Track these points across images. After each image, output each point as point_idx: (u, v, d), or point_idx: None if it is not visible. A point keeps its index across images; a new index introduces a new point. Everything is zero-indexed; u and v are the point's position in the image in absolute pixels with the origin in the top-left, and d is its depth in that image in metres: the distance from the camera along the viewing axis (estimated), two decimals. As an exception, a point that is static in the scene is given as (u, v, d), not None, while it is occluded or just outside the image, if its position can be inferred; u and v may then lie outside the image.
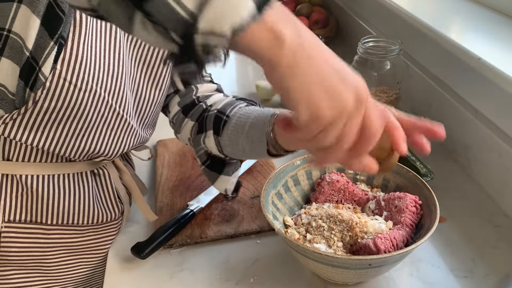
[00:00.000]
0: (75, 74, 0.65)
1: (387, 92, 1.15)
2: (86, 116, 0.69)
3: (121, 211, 0.85)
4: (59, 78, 0.64)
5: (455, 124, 1.04)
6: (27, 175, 0.73)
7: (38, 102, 0.65)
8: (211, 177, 0.83)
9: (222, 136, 0.77)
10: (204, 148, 0.81)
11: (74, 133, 0.70)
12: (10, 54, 0.63)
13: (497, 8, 1.10)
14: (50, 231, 0.77)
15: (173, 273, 0.80)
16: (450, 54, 0.99)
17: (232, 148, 0.77)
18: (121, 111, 0.73)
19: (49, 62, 0.63)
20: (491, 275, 0.77)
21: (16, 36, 0.62)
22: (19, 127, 0.68)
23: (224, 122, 0.77)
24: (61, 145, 0.71)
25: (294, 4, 1.69)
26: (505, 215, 0.89)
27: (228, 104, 0.80)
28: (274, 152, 0.71)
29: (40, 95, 0.65)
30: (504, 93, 0.85)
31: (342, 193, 0.82)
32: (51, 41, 0.62)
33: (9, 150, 0.72)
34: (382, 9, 1.29)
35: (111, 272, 0.80)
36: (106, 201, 0.82)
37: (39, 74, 0.64)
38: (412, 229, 0.75)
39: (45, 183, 0.74)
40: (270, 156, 0.73)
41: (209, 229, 0.86)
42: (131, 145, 0.79)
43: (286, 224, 0.78)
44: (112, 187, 0.83)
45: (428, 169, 0.92)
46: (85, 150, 0.73)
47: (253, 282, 0.77)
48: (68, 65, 0.64)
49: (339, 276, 0.71)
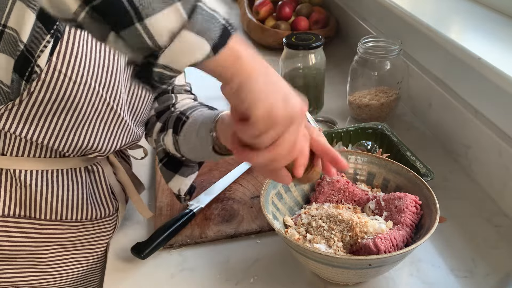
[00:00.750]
0: (70, 67, 0.67)
1: (387, 92, 1.15)
2: (80, 109, 0.70)
3: (116, 207, 0.85)
4: (54, 70, 0.66)
5: (455, 124, 1.04)
6: (21, 170, 0.74)
7: (33, 94, 0.67)
8: (166, 176, 0.86)
9: (179, 135, 0.80)
10: (162, 145, 0.84)
11: (68, 126, 0.72)
12: (5, 48, 0.65)
13: (497, 8, 1.10)
14: (43, 226, 0.78)
15: (173, 273, 0.80)
16: (450, 54, 0.99)
17: (187, 147, 0.80)
18: (115, 106, 0.74)
19: (45, 54, 0.65)
20: (491, 275, 0.77)
21: (11, 31, 0.64)
22: (13, 119, 0.69)
23: (183, 122, 0.80)
24: (55, 138, 0.72)
25: (294, 4, 1.69)
26: (505, 215, 0.89)
27: (191, 107, 0.84)
28: (218, 150, 0.75)
29: (35, 86, 0.66)
30: (504, 93, 0.85)
31: (342, 193, 0.82)
32: (47, 35, 0.64)
33: (3, 144, 0.73)
34: (382, 9, 1.29)
35: (111, 272, 0.81)
36: (100, 197, 0.83)
37: (34, 67, 0.65)
38: (412, 229, 0.75)
39: (39, 178, 0.75)
40: (216, 154, 0.75)
41: (209, 229, 0.86)
42: (125, 142, 0.80)
43: (286, 224, 0.78)
44: (106, 183, 0.83)
45: (428, 169, 0.92)
46: (79, 144, 0.74)
47: (253, 282, 0.77)
48: (63, 58, 0.66)
49: (339, 276, 0.71)
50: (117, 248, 0.85)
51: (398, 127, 1.14)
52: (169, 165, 0.85)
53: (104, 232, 0.84)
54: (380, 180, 0.85)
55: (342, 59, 1.42)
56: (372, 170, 0.86)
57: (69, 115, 0.70)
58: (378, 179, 0.85)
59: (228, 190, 0.96)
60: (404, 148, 0.97)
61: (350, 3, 1.63)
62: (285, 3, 1.65)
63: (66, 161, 0.77)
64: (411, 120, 1.21)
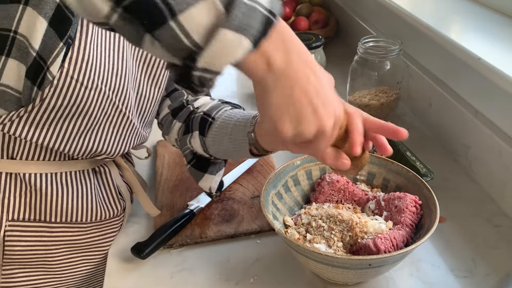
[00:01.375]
0: (82, 73, 0.66)
1: (387, 92, 1.15)
2: (91, 114, 0.70)
3: (123, 207, 0.86)
4: (67, 76, 0.65)
5: (455, 124, 1.04)
6: (30, 173, 0.74)
7: (45, 100, 0.66)
8: (196, 176, 0.85)
9: (207, 137, 0.79)
10: (190, 148, 0.84)
11: (78, 131, 0.72)
12: (17, 54, 0.64)
13: (497, 8, 1.10)
14: (53, 229, 0.77)
15: (173, 273, 0.80)
16: (450, 54, 0.99)
17: (217, 148, 0.79)
18: (124, 109, 0.74)
19: (57, 61, 0.64)
20: (491, 275, 0.77)
21: (22, 38, 0.63)
22: (25, 125, 0.69)
23: (210, 124, 0.80)
24: (65, 143, 0.72)
25: (294, 4, 1.69)
26: (505, 215, 0.89)
27: (214, 107, 0.83)
28: (256, 152, 0.74)
29: (47, 93, 0.66)
30: (504, 93, 0.85)
31: (342, 193, 0.82)
32: (60, 42, 0.64)
33: (13, 148, 0.72)
34: (382, 9, 1.29)
35: (111, 272, 0.81)
36: (108, 198, 0.83)
37: (47, 73, 0.65)
38: (412, 229, 0.75)
39: (48, 181, 0.75)
40: (253, 156, 0.75)
41: (209, 229, 0.86)
42: (133, 144, 0.81)
43: (286, 224, 0.78)
44: (114, 184, 0.84)
45: (428, 169, 0.92)
46: (89, 148, 0.74)
47: (253, 282, 0.77)
48: (75, 64, 0.66)
49: (339, 276, 0.71)
50: (117, 248, 0.85)
51: (398, 127, 1.14)
52: (198, 165, 0.85)
53: (112, 232, 0.85)
54: (380, 180, 0.85)
55: (342, 59, 1.42)
56: (372, 170, 0.86)
57: (80, 120, 0.70)
58: (378, 179, 0.85)
59: (228, 190, 0.96)
60: (404, 148, 0.97)
61: (350, 3, 1.63)
62: (285, 3, 1.65)
63: (75, 163, 0.78)
64: (411, 120, 1.21)
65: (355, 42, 1.18)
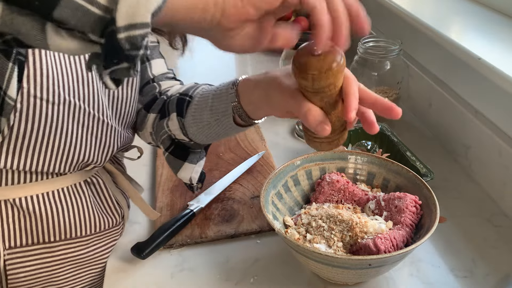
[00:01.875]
0: (44, 89, 0.63)
1: (387, 92, 1.15)
2: (67, 129, 0.67)
3: (121, 215, 0.84)
4: (29, 96, 0.62)
5: (455, 124, 1.04)
6: (21, 197, 0.71)
7: (13, 127, 0.63)
8: (175, 165, 0.81)
9: (186, 117, 0.75)
10: (167, 132, 0.79)
11: (59, 148, 0.69)
12: None
13: (497, 8, 1.10)
14: (54, 248, 0.75)
15: (173, 273, 0.80)
16: (450, 54, 0.99)
17: (197, 127, 0.75)
18: (99, 115, 0.72)
19: (13, 83, 0.60)
20: (491, 275, 0.77)
21: None
22: (0, 155, 0.65)
23: (188, 103, 0.75)
24: (48, 163, 0.69)
25: (294, 4, 1.69)
26: (505, 215, 0.89)
27: (190, 87, 0.79)
28: (240, 121, 0.70)
29: (14, 119, 0.62)
30: (504, 93, 0.85)
31: (342, 193, 0.82)
32: (9, 62, 0.59)
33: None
34: (382, 9, 1.29)
35: (111, 272, 0.80)
36: (105, 207, 0.81)
37: (5, 99, 0.60)
38: (412, 229, 0.75)
39: (41, 202, 0.73)
40: (238, 126, 0.71)
41: (209, 229, 0.86)
42: (117, 147, 0.78)
43: (286, 224, 0.78)
44: (109, 193, 0.82)
45: (428, 169, 0.92)
46: (74, 162, 0.72)
47: (253, 282, 0.77)
48: (34, 81, 0.62)
49: (339, 276, 0.71)
50: (117, 248, 0.85)
51: (398, 127, 1.14)
52: (176, 153, 0.80)
53: (113, 241, 0.84)
54: (380, 180, 0.85)
55: (342, 59, 1.41)
56: (372, 170, 0.86)
57: (58, 137, 0.67)
58: (378, 179, 0.85)
59: (228, 190, 0.96)
60: (404, 148, 0.97)
61: (350, 3, 1.63)
62: (285, 3, 1.65)
63: (64, 179, 0.74)
64: (411, 120, 1.21)
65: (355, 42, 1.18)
